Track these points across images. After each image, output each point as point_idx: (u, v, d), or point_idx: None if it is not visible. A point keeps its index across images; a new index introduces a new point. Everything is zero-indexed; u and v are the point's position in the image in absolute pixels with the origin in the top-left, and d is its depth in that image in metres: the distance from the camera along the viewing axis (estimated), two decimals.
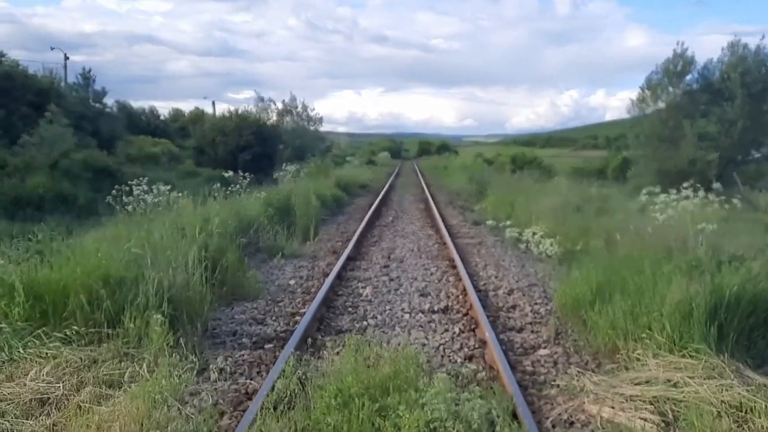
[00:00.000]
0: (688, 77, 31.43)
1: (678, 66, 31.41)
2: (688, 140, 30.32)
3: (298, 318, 6.16)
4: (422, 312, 6.50)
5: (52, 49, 51.01)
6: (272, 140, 37.43)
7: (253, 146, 34.84)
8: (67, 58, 42.77)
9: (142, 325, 4.78)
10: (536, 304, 6.79)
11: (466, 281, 7.45)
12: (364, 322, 6.13)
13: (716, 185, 7.23)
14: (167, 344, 4.66)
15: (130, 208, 8.24)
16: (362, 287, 7.55)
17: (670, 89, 31.97)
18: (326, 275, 8.08)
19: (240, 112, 38.08)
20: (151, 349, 4.62)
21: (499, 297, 7.11)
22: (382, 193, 22.11)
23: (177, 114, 58.30)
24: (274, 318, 6.23)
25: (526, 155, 39.46)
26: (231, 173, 12.36)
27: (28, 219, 15.47)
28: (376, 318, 6.29)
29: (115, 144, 31.65)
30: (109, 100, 43.35)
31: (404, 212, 16.53)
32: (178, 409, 3.79)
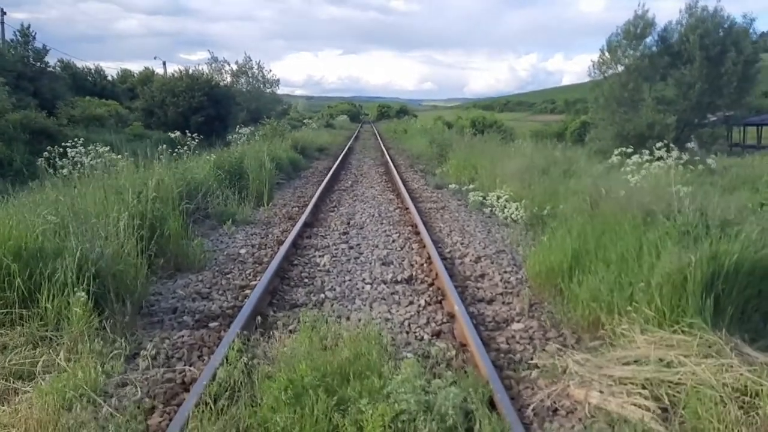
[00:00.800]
0: (648, 40, 31.40)
1: (638, 28, 31.27)
2: (647, 103, 30.42)
3: (247, 292, 5.55)
4: (384, 282, 5.98)
5: None
6: (226, 102, 36.02)
7: (206, 108, 33.46)
8: (4, 13, 39.93)
9: (62, 305, 4.11)
10: (506, 272, 6.35)
11: (431, 248, 6.95)
12: (321, 295, 5.57)
13: (691, 145, 6.90)
14: (90, 326, 4.02)
15: (64, 171, 7.47)
16: (319, 256, 6.97)
17: (630, 52, 31.91)
18: (280, 243, 7.47)
19: (191, 72, 36.39)
20: (71, 332, 3.97)
21: (465, 265, 6.64)
22: (341, 156, 21.41)
23: (126, 74, 55.74)
24: (220, 292, 5.61)
25: (486, 119, 39.02)
26: (178, 134, 11.49)
27: None
28: (335, 290, 5.74)
29: (57, 105, 29.82)
30: (51, 59, 40.93)
31: (364, 176, 15.92)
32: (95, 407, 3.17)
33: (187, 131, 12.08)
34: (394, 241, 7.77)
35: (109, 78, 50.98)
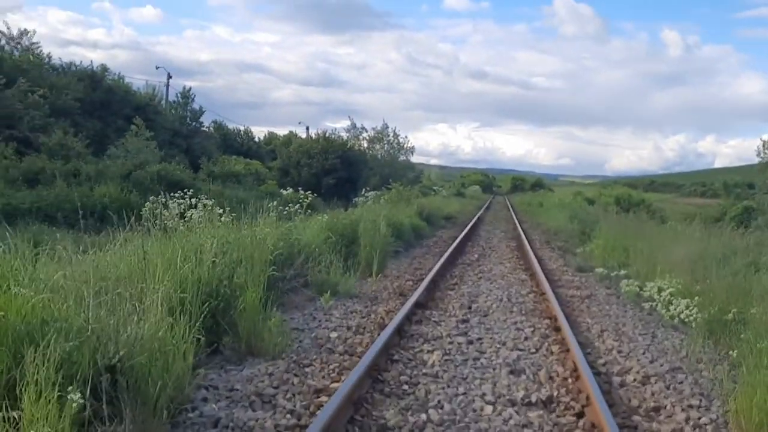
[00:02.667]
0: None
1: None
2: None
3: (323, 399, 4.10)
4: (513, 404, 4.27)
5: (157, 68, 52.94)
6: (358, 165, 36.15)
7: (338, 170, 33.65)
8: (170, 77, 43.59)
9: (47, 408, 2.89)
10: (691, 406, 4.38)
11: (577, 354, 5.14)
12: (423, 416, 3.98)
13: None
14: None
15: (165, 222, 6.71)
16: (428, 351, 5.40)
17: None
18: (382, 327, 6.01)
19: (328, 134, 37.10)
20: None
21: (629, 387, 4.74)
22: (469, 226, 19.86)
23: (271, 137, 58.95)
24: (288, 395, 4.19)
25: (632, 196, 35.92)
26: (290, 190, 10.64)
27: (89, 228, 14.55)
28: (442, 408, 4.12)
29: (200, 161, 31.30)
30: (206, 120, 43.94)
31: (493, 250, 14.22)
32: None
33: (319, 192, 11.29)
34: (527, 338, 6.02)
35: (256, 139, 53.99)
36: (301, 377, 4.54)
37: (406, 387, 4.52)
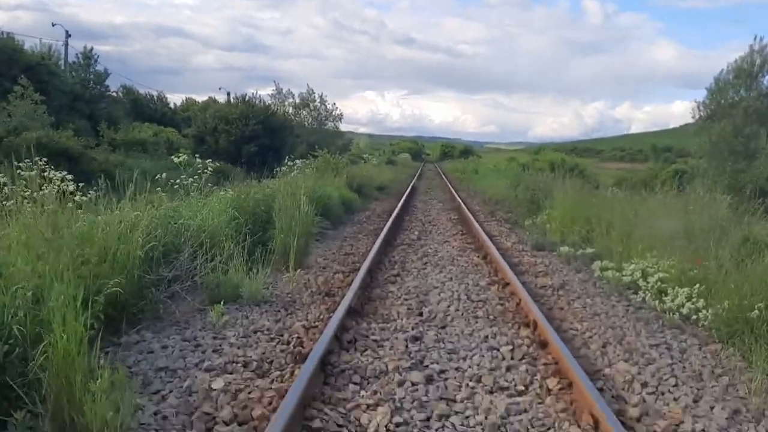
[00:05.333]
0: (767, 78, 26.98)
1: (755, 64, 26.93)
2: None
3: None
4: None
5: (53, 25, 47.76)
6: (282, 132, 33.46)
7: (260, 137, 30.90)
8: (68, 35, 39.02)
9: None
10: None
11: (592, 397, 3.35)
12: None
13: None
14: None
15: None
16: (368, 406, 3.45)
17: (743, 93, 27.54)
18: (298, 360, 4.02)
19: (247, 98, 34.15)
20: None
21: None
22: (404, 197, 18.01)
23: (189, 103, 54.91)
24: None
25: (565, 161, 35.09)
26: (184, 157, 8.35)
27: None
28: None
29: (99, 128, 27.92)
30: (116, 85, 39.92)
31: (433, 225, 12.40)
32: None
33: (240, 161, 9.01)
34: (509, 367, 4.14)
35: (171, 106, 49.98)
36: None
37: None
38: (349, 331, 4.71)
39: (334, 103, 47.15)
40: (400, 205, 15.22)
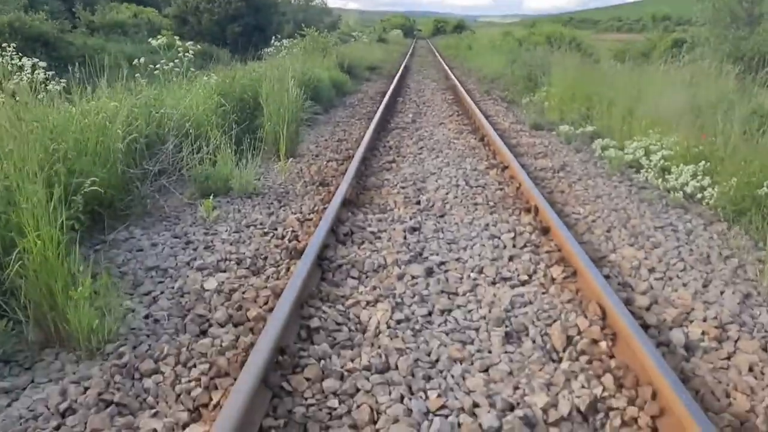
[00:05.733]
0: None
1: None
2: None
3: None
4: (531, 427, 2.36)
5: None
6: (267, 10, 31.81)
7: (245, 16, 29.42)
8: None
9: None
10: None
11: (600, 289, 3.25)
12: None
13: None
14: None
15: None
16: (367, 303, 3.34)
17: None
18: (292, 255, 3.88)
19: None
20: None
21: (709, 354, 2.90)
22: (397, 77, 17.35)
23: None
24: None
25: (563, 34, 33.72)
26: (163, 39, 7.79)
27: None
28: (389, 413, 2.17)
29: (75, 10, 26.37)
30: None
31: (428, 106, 11.97)
32: None
33: (225, 43, 8.39)
34: (511, 256, 4.02)
35: None
36: (130, 414, 2.40)
37: (335, 402, 2.49)
38: (345, 224, 4.55)
39: None
40: (393, 85, 14.66)
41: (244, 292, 3.35)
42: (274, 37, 17.18)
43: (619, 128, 7.85)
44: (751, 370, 2.68)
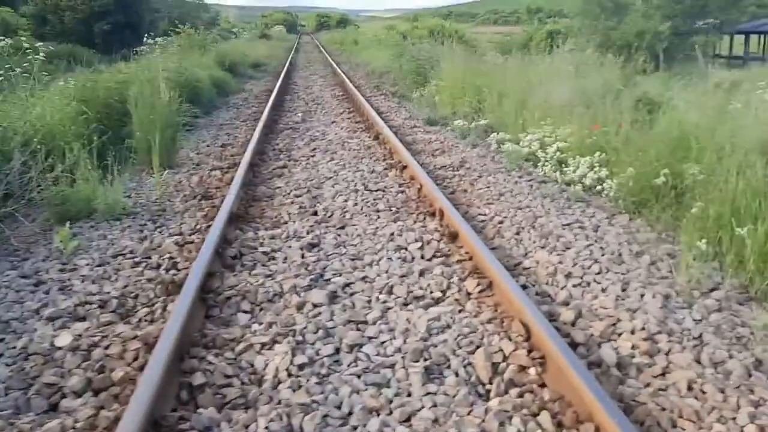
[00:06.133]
0: None
1: None
2: (637, 7, 26.52)
3: None
4: None
5: None
6: (138, 6, 29.75)
7: (113, 13, 27.34)
8: None
9: None
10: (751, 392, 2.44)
11: (519, 300, 2.96)
12: None
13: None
14: None
15: None
16: (262, 342, 2.82)
17: None
18: (170, 290, 3.28)
19: None
20: None
21: (643, 374, 2.66)
22: (283, 74, 16.68)
23: None
24: None
25: (445, 27, 34.31)
26: (6, 41, 6.74)
27: None
28: None
29: None
30: None
31: (317, 104, 11.47)
32: None
33: (93, 43, 7.30)
34: (423, 271, 3.63)
35: None
36: None
37: None
38: (232, 244, 3.98)
39: None
40: (279, 83, 14.00)
41: (107, 347, 2.73)
42: (147, 36, 15.95)
43: (512, 121, 7.75)
44: (690, 389, 2.45)
